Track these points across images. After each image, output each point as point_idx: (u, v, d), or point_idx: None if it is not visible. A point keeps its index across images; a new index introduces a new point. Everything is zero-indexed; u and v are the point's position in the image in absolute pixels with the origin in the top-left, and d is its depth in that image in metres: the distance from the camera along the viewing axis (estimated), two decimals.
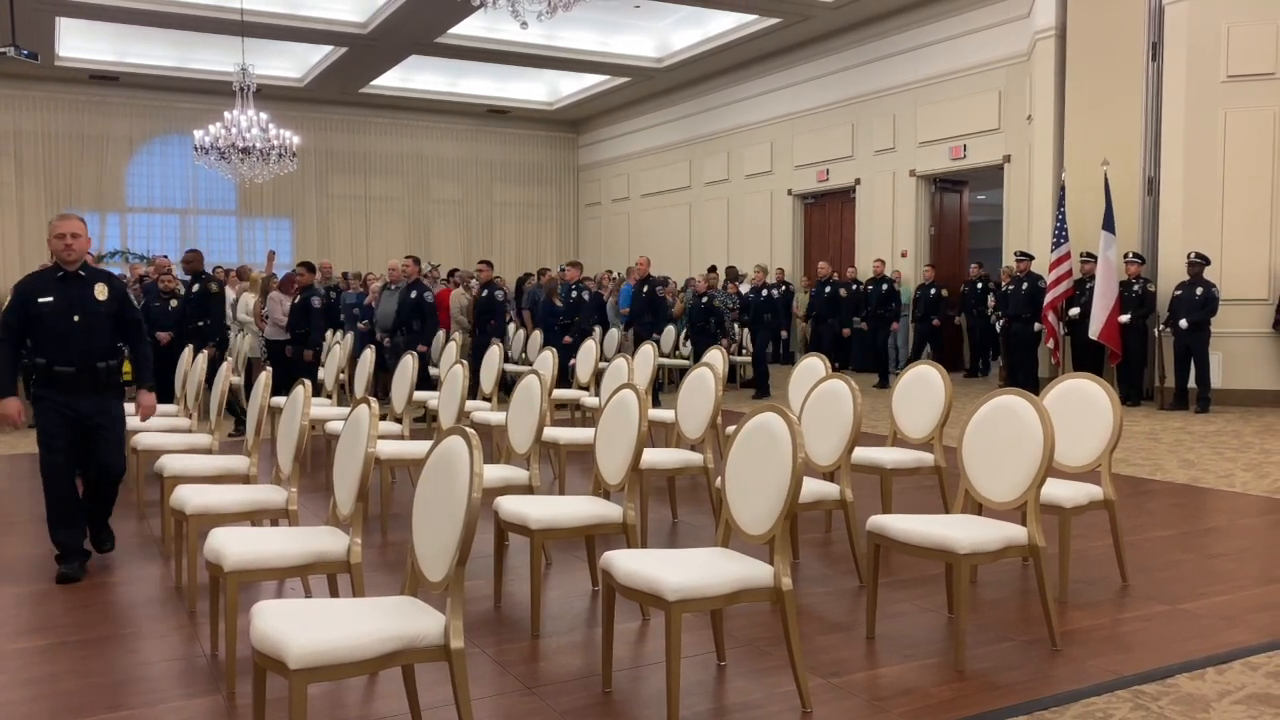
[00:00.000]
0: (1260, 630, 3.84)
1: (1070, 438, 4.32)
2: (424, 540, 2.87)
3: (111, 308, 4.72)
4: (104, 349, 4.70)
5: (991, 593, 4.39)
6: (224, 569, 3.31)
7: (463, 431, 2.79)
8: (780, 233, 17.72)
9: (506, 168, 22.81)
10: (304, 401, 4.16)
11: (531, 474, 4.71)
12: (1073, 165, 11.51)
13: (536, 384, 4.83)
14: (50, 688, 3.39)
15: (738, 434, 3.41)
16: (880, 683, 3.40)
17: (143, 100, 19.14)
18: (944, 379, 5.11)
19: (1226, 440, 8.49)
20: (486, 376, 7.75)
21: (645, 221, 21.20)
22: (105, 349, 4.71)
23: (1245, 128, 10.53)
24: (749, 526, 3.27)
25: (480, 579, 4.52)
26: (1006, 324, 12.09)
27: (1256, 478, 6.87)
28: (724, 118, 18.75)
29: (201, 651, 3.72)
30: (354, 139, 21.19)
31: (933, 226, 15.34)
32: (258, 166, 15.74)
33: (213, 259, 19.04)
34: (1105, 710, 3.10)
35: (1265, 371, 10.60)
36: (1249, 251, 10.58)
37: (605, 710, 3.20)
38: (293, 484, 4.16)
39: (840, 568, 4.82)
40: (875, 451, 5.19)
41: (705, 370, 5.43)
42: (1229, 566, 4.79)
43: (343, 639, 2.53)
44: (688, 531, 5.66)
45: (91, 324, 4.66)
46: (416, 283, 10.29)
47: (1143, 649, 3.66)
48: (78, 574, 4.66)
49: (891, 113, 15.41)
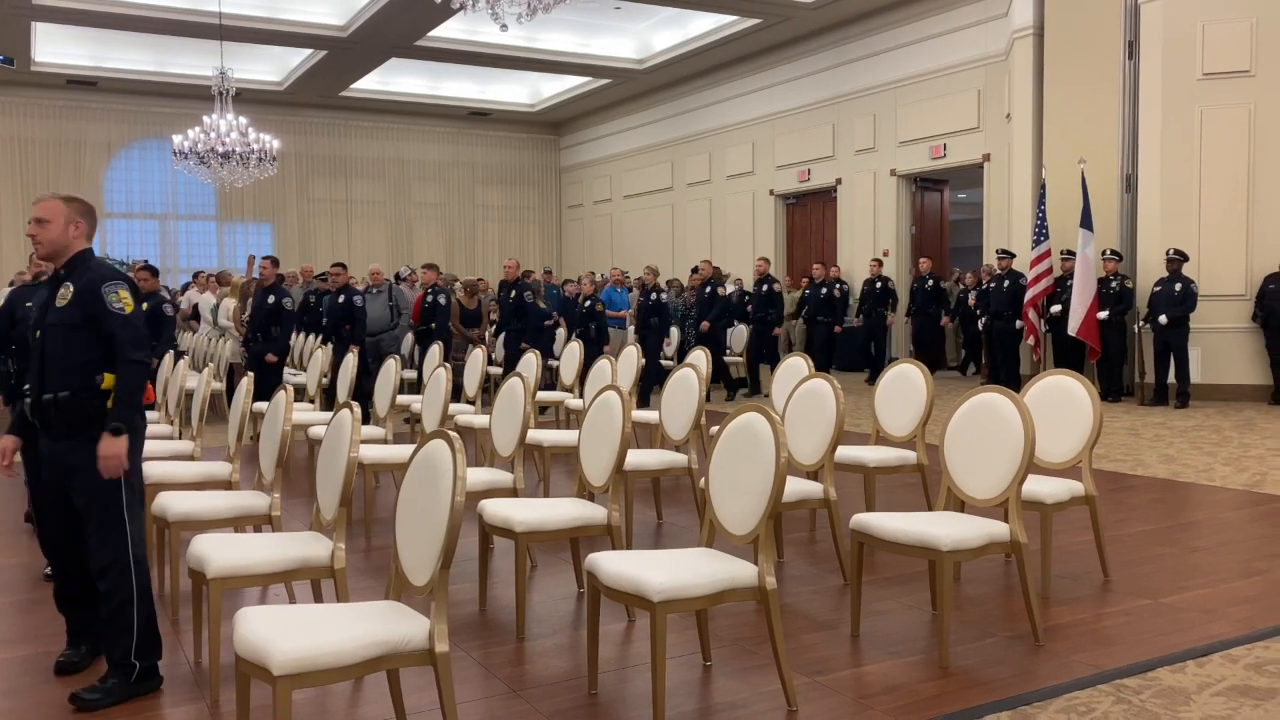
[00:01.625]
0: (1240, 623, 3.88)
1: (1051, 434, 4.35)
2: (408, 544, 2.86)
3: (71, 316, 3.34)
4: (60, 373, 3.34)
5: (975, 589, 4.42)
6: (207, 576, 3.30)
7: (446, 435, 2.79)
8: (763, 233, 17.76)
9: (488, 170, 22.77)
10: (286, 407, 4.15)
11: (516, 477, 4.71)
12: (1052, 163, 11.59)
13: (520, 386, 4.82)
14: (33, 698, 3.36)
15: (721, 434, 3.42)
16: (865, 680, 3.41)
17: (121, 105, 19.02)
18: (926, 377, 5.14)
19: (1206, 435, 8.57)
20: (470, 380, 7.74)
21: (628, 223, 21.21)
22: (62, 373, 3.34)
23: (1221, 125, 10.62)
24: (733, 526, 3.27)
25: (465, 583, 4.51)
26: (988, 322, 12.16)
27: (1236, 471, 6.93)
28: (705, 118, 18.79)
29: (185, 659, 3.70)
30: (335, 142, 21.12)
31: (914, 225, 15.42)
32: (237, 171, 15.66)
33: (193, 264, 19.05)
34: (1088, 704, 3.13)
35: (1243, 366, 10.70)
36: (1226, 247, 10.68)
37: (591, 712, 3.20)
38: (275, 490, 4.15)
39: (824, 566, 4.84)
40: (858, 450, 5.21)
41: (689, 371, 5.44)
42: (1209, 560, 4.83)
43: (327, 644, 2.52)
44: (672, 532, 5.66)
45: (45, 339, 3.39)
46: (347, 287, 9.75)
47: (1124, 643, 3.69)
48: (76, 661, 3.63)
49: (872, 112, 15.48)
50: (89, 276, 3.37)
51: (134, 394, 3.35)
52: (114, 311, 3.33)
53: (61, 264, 3.45)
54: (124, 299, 3.37)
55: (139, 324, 3.40)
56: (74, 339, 3.36)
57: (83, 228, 3.47)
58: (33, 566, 4.86)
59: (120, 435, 3.27)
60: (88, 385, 3.35)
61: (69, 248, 3.43)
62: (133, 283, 3.44)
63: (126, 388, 3.34)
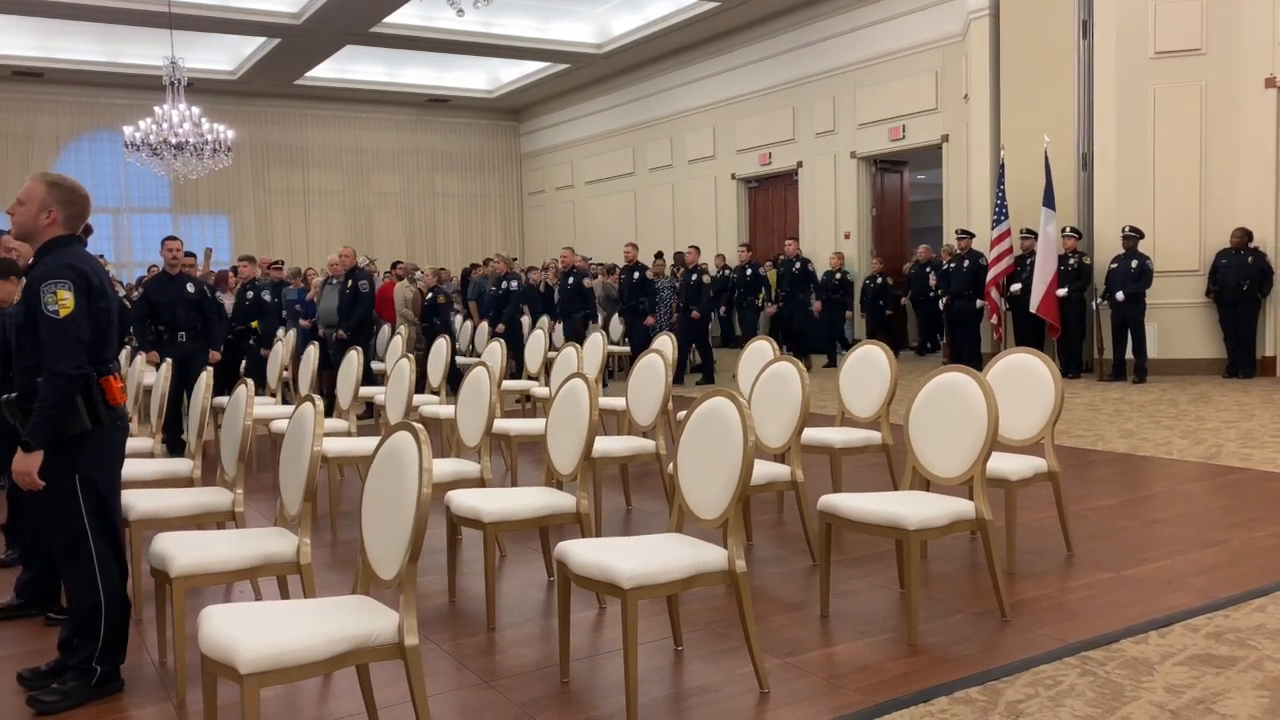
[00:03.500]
0: (1199, 593, 3.95)
1: (1014, 412, 4.40)
2: (375, 538, 2.84)
3: (19, 314, 3.27)
4: (17, 373, 3.29)
5: (941, 567, 4.47)
6: (170, 575, 3.24)
7: (410, 426, 2.76)
8: (725, 217, 17.77)
9: (448, 158, 22.56)
10: (247, 401, 4.09)
11: (483, 467, 4.68)
12: (1010, 143, 11.69)
13: (485, 376, 4.79)
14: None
15: (689, 419, 3.42)
16: (835, 660, 3.44)
17: (69, 96, 18.60)
18: (889, 359, 5.17)
19: (1163, 409, 8.71)
20: (434, 370, 7.68)
21: (590, 209, 21.12)
22: (18, 373, 3.28)
23: (1174, 103, 10.77)
24: (702, 511, 3.28)
25: (433, 574, 4.49)
26: (949, 302, 12.26)
27: (1193, 444, 7.06)
28: (666, 103, 18.74)
29: (149, 659, 3.64)
30: (291, 132, 20.81)
31: (874, 207, 15.50)
32: (191, 162, 15.38)
33: (149, 258, 18.70)
34: (1054, 677, 3.17)
35: (1199, 341, 10.90)
36: (1180, 224, 10.84)
37: (564, 700, 3.19)
38: (238, 485, 4.09)
39: (793, 548, 4.87)
40: (824, 432, 5.24)
41: (655, 357, 5.43)
42: (1168, 532, 4.92)
43: (294, 641, 2.49)
44: (641, 519, 5.67)
45: (10, 337, 3.35)
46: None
47: (1088, 616, 3.75)
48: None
49: (831, 95, 15.51)
50: (38, 272, 3.18)
51: (52, 408, 3.08)
52: (46, 314, 3.09)
53: (35, 252, 3.29)
54: (61, 300, 3.08)
55: (72, 329, 3.11)
56: (22, 339, 3.22)
57: (56, 215, 3.24)
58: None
59: (31, 452, 3.08)
60: (32, 388, 3.17)
61: (38, 235, 3.25)
62: (86, 279, 3.17)
63: (42, 400, 3.08)
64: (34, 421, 3.09)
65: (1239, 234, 10.44)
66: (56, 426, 3.13)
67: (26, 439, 3.10)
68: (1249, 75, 10.56)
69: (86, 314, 3.17)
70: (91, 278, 3.22)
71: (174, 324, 7.65)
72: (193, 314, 7.73)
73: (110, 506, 3.32)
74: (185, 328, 7.67)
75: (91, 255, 3.42)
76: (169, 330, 7.66)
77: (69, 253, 3.25)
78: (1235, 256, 10.47)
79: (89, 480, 3.23)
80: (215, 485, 4.43)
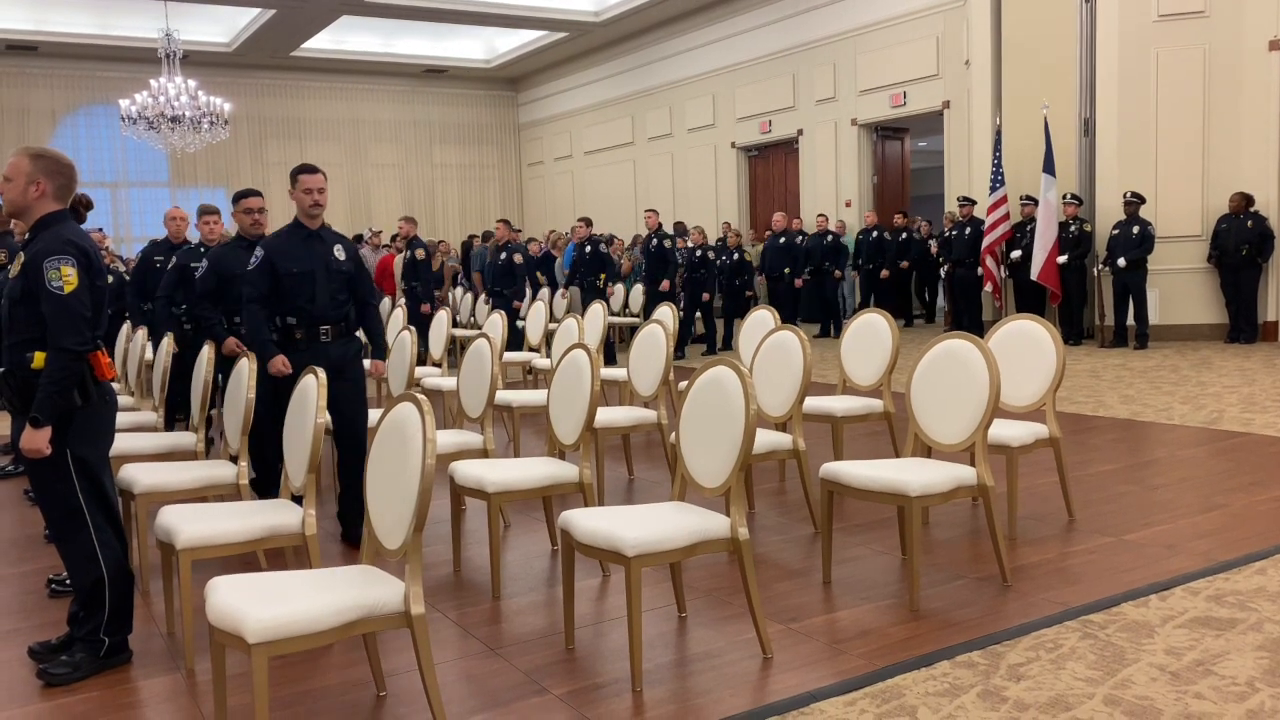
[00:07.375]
0: (1200, 556, 3.97)
1: (1015, 378, 4.40)
2: (379, 508, 2.85)
3: (16, 289, 3.24)
4: (7, 347, 3.32)
5: (943, 533, 4.49)
6: (176, 547, 3.27)
7: (414, 398, 2.77)
8: (725, 186, 17.69)
9: (446, 129, 22.43)
10: (249, 374, 4.10)
11: (486, 438, 4.69)
12: (1010, 109, 11.61)
13: (487, 347, 4.79)
14: (6, 673, 3.33)
15: (690, 389, 3.42)
16: (838, 626, 3.46)
17: (64, 70, 18.46)
18: (891, 326, 5.17)
19: (1164, 375, 8.72)
20: (435, 342, 7.68)
21: (589, 179, 21.03)
22: (8, 347, 3.30)
23: (1177, 67, 10.69)
24: (704, 480, 3.29)
25: (438, 544, 4.51)
26: (950, 269, 12.23)
27: (1194, 410, 7.07)
28: (665, 71, 18.60)
29: (157, 631, 3.68)
30: (288, 104, 20.67)
31: (875, 175, 15.43)
32: (189, 135, 15.33)
33: (147, 232, 18.65)
34: (1055, 640, 3.20)
35: (1200, 306, 10.88)
36: (1183, 189, 10.79)
37: (569, 667, 3.22)
38: (242, 459, 4.10)
39: (795, 516, 4.89)
40: (826, 400, 5.25)
41: (656, 327, 5.43)
42: (1169, 497, 4.94)
43: (301, 611, 2.51)
44: (644, 488, 5.69)
45: (3, 309, 3.38)
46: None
47: (1089, 580, 3.77)
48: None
49: (831, 61, 15.39)
50: (39, 247, 3.17)
51: (59, 384, 3.10)
52: (50, 290, 3.10)
53: (29, 227, 3.27)
54: (65, 276, 3.10)
55: (76, 305, 3.12)
56: (16, 312, 3.22)
57: (45, 188, 3.22)
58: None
59: (40, 427, 3.10)
60: (20, 363, 3.19)
61: (31, 209, 3.24)
62: (87, 255, 3.17)
63: (49, 377, 3.10)
64: (40, 397, 3.10)
65: (1238, 198, 10.39)
66: (65, 401, 3.15)
67: (35, 414, 3.10)
68: (1253, 38, 10.47)
69: (88, 290, 3.19)
70: (92, 256, 3.23)
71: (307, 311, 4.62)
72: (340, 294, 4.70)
73: (103, 481, 3.34)
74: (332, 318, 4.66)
75: (85, 232, 3.40)
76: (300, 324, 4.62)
77: (68, 228, 3.26)
78: (1235, 221, 10.43)
79: (80, 457, 3.24)
80: (219, 458, 4.44)
